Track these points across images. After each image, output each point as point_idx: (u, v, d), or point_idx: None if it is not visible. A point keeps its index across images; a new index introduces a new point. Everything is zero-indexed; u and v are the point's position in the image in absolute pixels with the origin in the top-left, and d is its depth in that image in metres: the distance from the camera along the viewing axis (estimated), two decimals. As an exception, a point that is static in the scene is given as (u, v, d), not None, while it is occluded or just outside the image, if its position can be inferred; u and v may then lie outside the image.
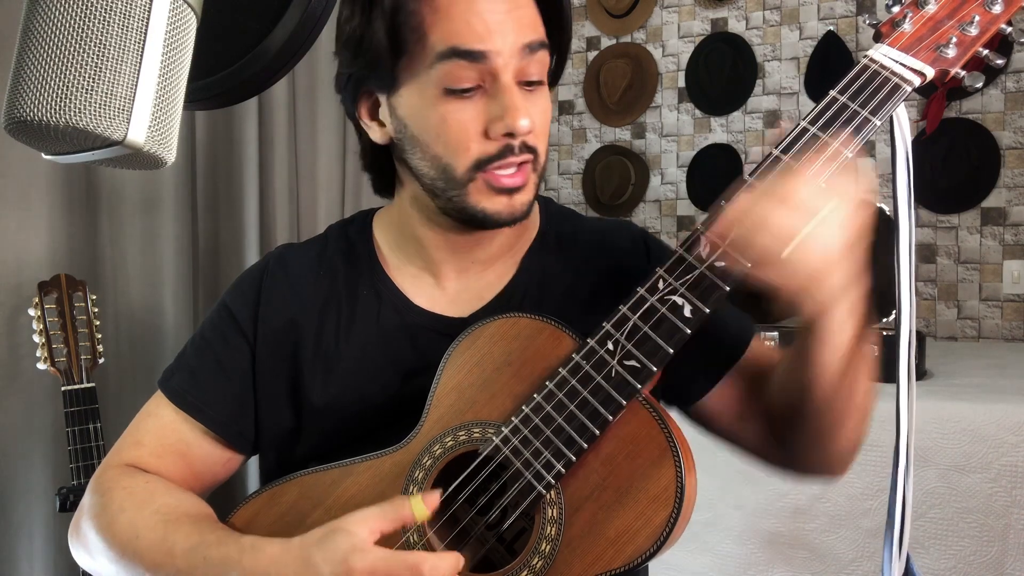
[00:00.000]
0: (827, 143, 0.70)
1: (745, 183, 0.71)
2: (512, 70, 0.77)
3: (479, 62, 0.76)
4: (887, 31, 0.73)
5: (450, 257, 0.89)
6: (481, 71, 0.77)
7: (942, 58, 0.72)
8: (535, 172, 0.82)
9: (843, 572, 1.67)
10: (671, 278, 0.72)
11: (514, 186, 0.80)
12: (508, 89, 0.77)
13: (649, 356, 0.71)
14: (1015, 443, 1.56)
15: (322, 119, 2.49)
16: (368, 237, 0.93)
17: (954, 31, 0.71)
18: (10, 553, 1.70)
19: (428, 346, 0.85)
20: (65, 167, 1.76)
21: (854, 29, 2.90)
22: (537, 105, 0.81)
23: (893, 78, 0.71)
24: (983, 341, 2.73)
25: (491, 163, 0.79)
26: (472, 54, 0.75)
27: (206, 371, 0.89)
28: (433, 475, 0.76)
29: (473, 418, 0.77)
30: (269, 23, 0.58)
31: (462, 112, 0.78)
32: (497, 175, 0.79)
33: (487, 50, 0.76)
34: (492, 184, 0.80)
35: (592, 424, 0.71)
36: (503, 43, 0.76)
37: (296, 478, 0.81)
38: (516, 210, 0.82)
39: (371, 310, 0.89)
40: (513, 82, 0.78)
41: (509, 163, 0.79)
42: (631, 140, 3.31)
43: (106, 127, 0.41)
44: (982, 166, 2.71)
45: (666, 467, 0.70)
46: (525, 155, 0.80)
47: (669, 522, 0.69)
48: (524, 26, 0.78)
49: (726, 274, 0.70)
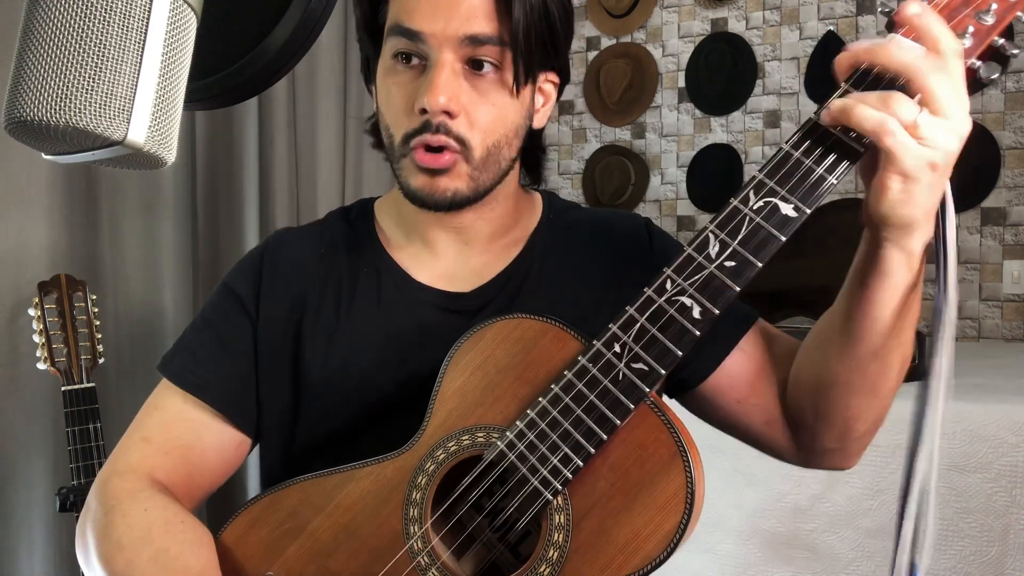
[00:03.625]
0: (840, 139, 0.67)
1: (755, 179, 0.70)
2: (452, 52, 0.79)
3: (414, 41, 0.80)
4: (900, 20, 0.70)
5: (444, 235, 0.91)
6: (419, 50, 0.80)
7: None
8: (467, 163, 0.83)
9: (843, 572, 1.67)
10: (679, 278, 0.70)
11: (430, 166, 0.81)
12: (436, 66, 0.79)
13: (657, 359, 0.70)
14: (1015, 443, 1.56)
15: (322, 119, 2.49)
16: (369, 220, 0.96)
17: (970, 20, 0.68)
18: (10, 553, 1.70)
19: (428, 320, 0.87)
20: (65, 167, 1.76)
21: (854, 29, 2.90)
22: (481, 96, 0.81)
23: None
24: (983, 341, 2.73)
25: (414, 137, 0.81)
26: (408, 32, 0.80)
27: (207, 350, 0.89)
28: (436, 480, 0.76)
29: (477, 422, 0.76)
30: (269, 23, 0.58)
31: (400, 87, 0.82)
32: (417, 153, 0.82)
33: (421, 31, 0.79)
34: (415, 160, 0.82)
35: (600, 429, 0.70)
36: (442, 27, 0.78)
37: (296, 483, 0.80)
38: (438, 192, 0.83)
39: (371, 286, 0.90)
40: (452, 61, 0.79)
41: (426, 141, 0.80)
42: (631, 140, 3.32)
43: (106, 127, 0.41)
44: (982, 166, 2.71)
45: (676, 472, 0.69)
46: (442, 137, 0.80)
47: (680, 528, 0.68)
48: (470, 17, 0.79)
49: (737, 274, 0.68)
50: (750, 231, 0.69)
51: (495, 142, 0.83)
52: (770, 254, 0.69)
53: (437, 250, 0.91)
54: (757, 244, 0.69)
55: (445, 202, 0.83)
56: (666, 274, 0.71)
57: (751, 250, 0.69)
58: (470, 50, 0.79)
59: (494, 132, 0.83)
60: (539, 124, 0.90)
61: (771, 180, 0.69)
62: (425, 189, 0.83)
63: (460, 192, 0.83)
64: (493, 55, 0.80)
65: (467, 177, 0.83)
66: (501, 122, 0.83)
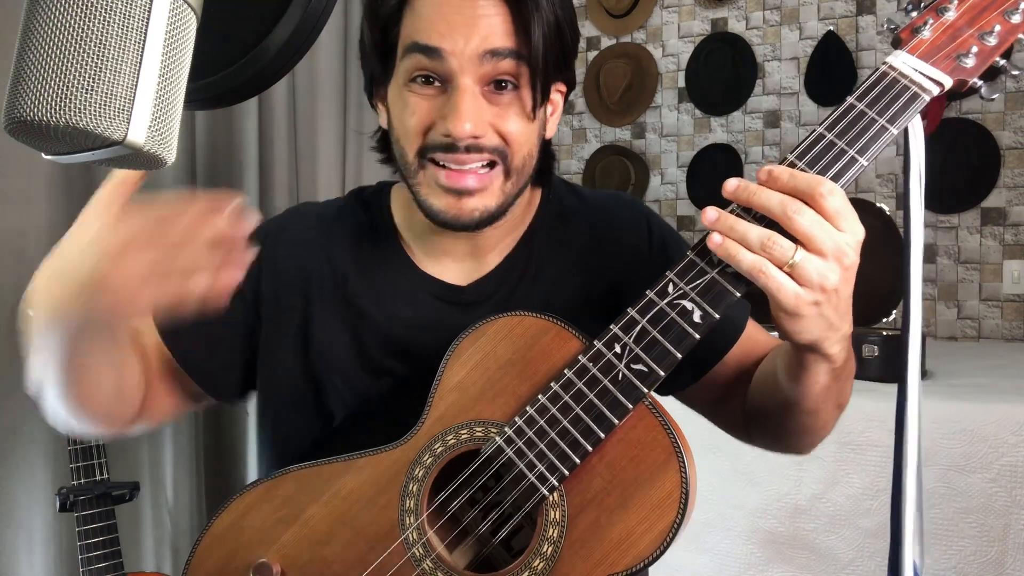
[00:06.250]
0: (843, 150, 0.69)
1: None
2: (472, 75, 0.79)
3: (435, 59, 0.79)
4: (907, 37, 0.72)
5: (450, 241, 0.90)
6: (439, 69, 0.79)
7: (961, 67, 0.71)
8: (505, 177, 0.83)
9: (843, 572, 1.67)
10: (681, 282, 0.71)
11: (463, 187, 0.81)
12: (459, 91, 0.79)
13: (657, 361, 0.71)
14: (1015, 443, 1.56)
15: (322, 119, 2.49)
16: (384, 203, 0.95)
17: (974, 40, 0.70)
18: (10, 553, 1.69)
19: (426, 310, 0.88)
20: (65, 167, 1.76)
21: (854, 29, 2.90)
22: (504, 113, 0.81)
23: (912, 87, 0.70)
24: (983, 341, 2.73)
25: (433, 152, 0.81)
26: (429, 49, 0.79)
27: None
28: (434, 473, 0.76)
29: (475, 417, 0.77)
30: (269, 23, 0.58)
31: (418, 104, 0.81)
32: (444, 171, 0.81)
33: (442, 48, 0.78)
34: (439, 180, 0.81)
35: (598, 428, 0.71)
36: (462, 45, 0.78)
37: (292, 472, 0.81)
38: (464, 214, 0.82)
39: (379, 268, 0.91)
40: (472, 86, 0.79)
41: (459, 160, 0.80)
42: (631, 140, 3.32)
43: (106, 127, 0.41)
44: (982, 166, 2.71)
45: (671, 472, 0.70)
46: (477, 155, 0.80)
47: (673, 527, 0.69)
48: (489, 34, 0.78)
49: (738, 279, 0.69)
50: None
51: (525, 154, 0.84)
52: None
53: (443, 248, 0.91)
54: None
55: (472, 223, 0.83)
56: (668, 277, 0.72)
57: None
58: (490, 67, 0.79)
59: (523, 146, 0.83)
60: (550, 133, 0.91)
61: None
62: (451, 211, 0.82)
63: (488, 210, 0.83)
64: (511, 72, 0.80)
65: (499, 192, 0.83)
66: (526, 137, 0.84)
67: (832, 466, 1.68)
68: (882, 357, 1.79)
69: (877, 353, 1.80)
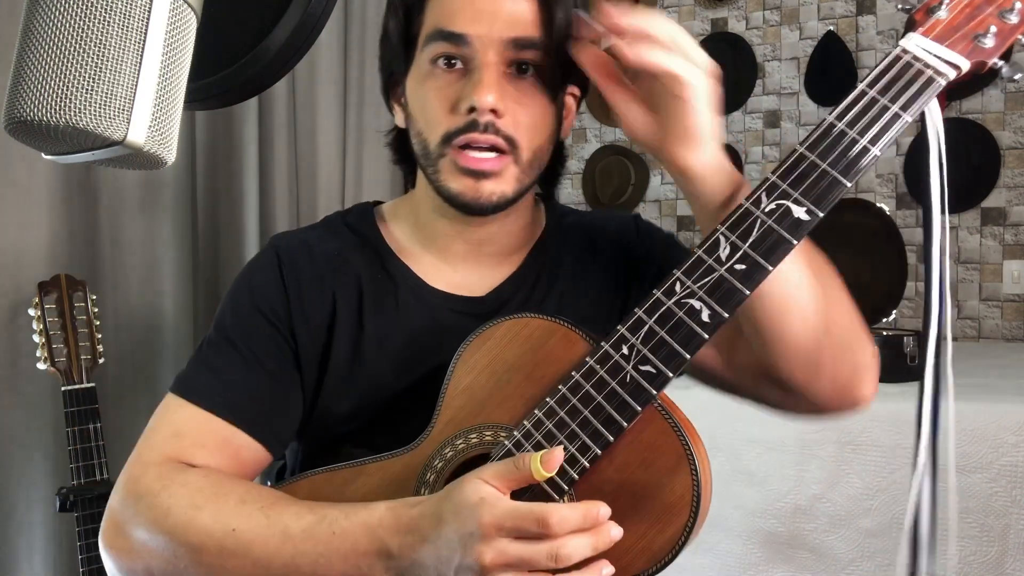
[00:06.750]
0: (855, 140, 0.67)
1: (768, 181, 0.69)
2: (497, 54, 0.80)
3: (459, 45, 0.80)
4: (921, 19, 0.68)
5: (462, 246, 0.90)
6: (462, 53, 0.80)
7: (979, 48, 0.67)
8: (516, 166, 0.82)
9: (843, 572, 1.67)
10: (689, 281, 0.69)
11: (479, 169, 0.81)
12: (481, 67, 0.79)
13: (665, 361, 0.69)
14: (1015, 443, 1.56)
15: (322, 118, 2.49)
16: (372, 226, 0.94)
17: (993, 19, 0.66)
18: (10, 553, 1.69)
19: (445, 324, 0.87)
20: (65, 167, 1.76)
21: (854, 29, 2.90)
22: (524, 98, 0.82)
23: (927, 71, 0.67)
24: (983, 341, 2.73)
25: (457, 136, 0.80)
26: (453, 36, 0.80)
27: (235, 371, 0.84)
28: (444, 477, 0.76)
29: (484, 421, 0.76)
30: (269, 23, 0.58)
31: (441, 89, 0.82)
32: (463, 153, 0.81)
33: (467, 33, 0.79)
34: (458, 163, 0.81)
35: (607, 430, 0.69)
36: (487, 30, 0.79)
37: (307, 477, 0.81)
38: (482, 196, 0.82)
39: (388, 291, 0.89)
40: (493, 65, 0.79)
41: (474, 139, 0.80)
42: (631, 140, 3.31)
43: (106, 127, 0.41)
44: (982, 166, 2.71)
45: (682, 475, 0.69)
46: (492, 137, 0.80)
47: (685, 530, 0.68)
48: (513, 21, 0.79)
49: (747, 277, 0.68)
50: (761, 234, 0.68)
51: (540, 144, 0.84)
52: (781, 258, 0.68)
53: (453, 261, 0.91)
54: (768, 247, 0.68)
55: (490, 206, 0.83)
56: (675, 276, 0.70)
57: (762, 253, 0.68)
58: (513, 53, 0.80)
59: (538, 135, 0.84)
60: (564, 134, 0.91)
61: (784, 182, 0.68)
62: (469, 193, 0.82)
63: (505, 195, 0.83)
64: (535, 59, 0.81)
65: (514, 180, 0.83)
66: (544, 124, 0.84)
67: (832, 466, 1.68)
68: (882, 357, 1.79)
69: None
